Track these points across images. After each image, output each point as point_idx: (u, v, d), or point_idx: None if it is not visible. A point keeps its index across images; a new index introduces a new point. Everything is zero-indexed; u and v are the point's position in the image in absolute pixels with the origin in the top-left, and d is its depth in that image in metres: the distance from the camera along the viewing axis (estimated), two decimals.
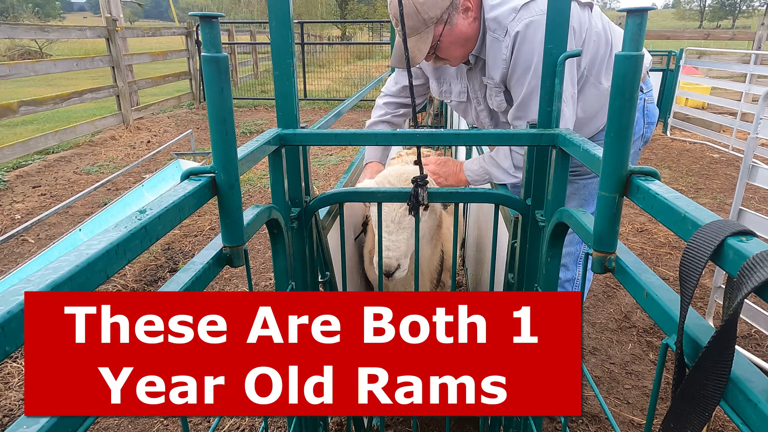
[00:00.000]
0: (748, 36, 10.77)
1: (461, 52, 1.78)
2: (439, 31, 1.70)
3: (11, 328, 0.41)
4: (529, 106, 1.67)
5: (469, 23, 1.72)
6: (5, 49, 20.83)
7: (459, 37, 1.73)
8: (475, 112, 2.03)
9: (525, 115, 1.70)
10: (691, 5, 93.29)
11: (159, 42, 26.97)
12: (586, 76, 1.77)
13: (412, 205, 1.23)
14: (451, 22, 1.70)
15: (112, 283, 3.45)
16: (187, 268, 0.75)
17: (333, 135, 1.18)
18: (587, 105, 1.81)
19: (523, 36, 1.62)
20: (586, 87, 1.78)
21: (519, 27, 1.62)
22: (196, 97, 10.75)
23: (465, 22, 1.72)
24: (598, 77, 1.78)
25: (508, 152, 1.76)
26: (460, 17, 1.71)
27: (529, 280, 1.29)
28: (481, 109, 1.98)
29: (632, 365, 2.67)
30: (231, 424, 2.28)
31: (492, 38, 1.71)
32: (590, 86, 1.78)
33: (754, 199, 5.36)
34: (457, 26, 1.71)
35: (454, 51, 1.77)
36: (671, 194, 0.68)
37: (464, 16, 1.71)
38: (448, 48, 1.75)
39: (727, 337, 0.50)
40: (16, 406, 2.39)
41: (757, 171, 2.51)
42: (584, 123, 1.84)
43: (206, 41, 0.76)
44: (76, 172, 6.20)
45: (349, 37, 30.78)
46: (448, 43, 1.74)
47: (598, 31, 1.75)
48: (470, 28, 1.73)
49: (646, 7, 0.70)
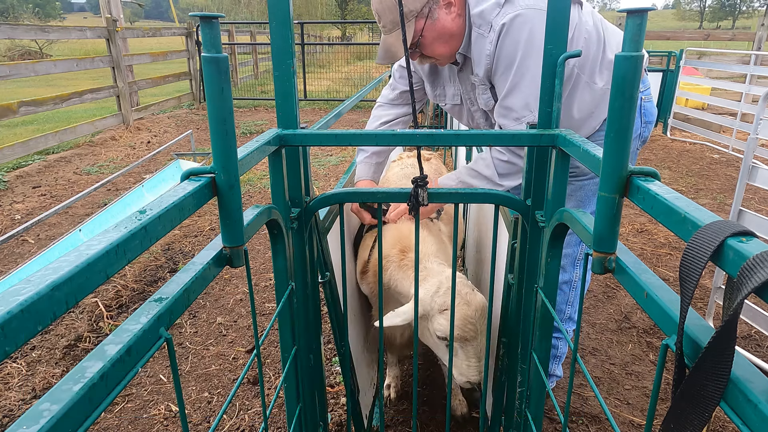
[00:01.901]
0: (748, 36, 10.77)
1: (446, 50, 1.77)
2: (420, 26, 1.70)
3: (11, 329, 0.41)
4: (513, 102, 1.65)
5: (452, 19, 1.71)
6: (5, 50, 20.82)
7: (442, 33, 1.72)
8: (469, 113, 2.01)
9: (508, 112, 1.68)
10: (691, 6, 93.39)
11: (159, 42, 27.00)
12: (578, 75, 1.73)
13: (412, 205, 1.23)
14: (432, 16, 1.69)
15: (112, 284, 3.45)
16: (187, 269, 0.75)
17: (333, 135, 1.18)
18: (582, 106, 1.77)
19: (507, 30, 1.61)
20: (580, 87, 1.75)
21: (503, 21, 1.61)
22: (196, 98, 10.75)
23: (448, 17, 1.71)
24: (592, 77, 1.75)
25: (490, 161, 1.73)
26: (442, 12, 1.70)
27: (529, 280, 1.29)
28: (475, 110, 1.96)
29: (632, 366, 2.66)
30: (231, 425, 2.28)
31: (477, 34, 1.70)
32: (584, 86, 1.75)
33: (754, 199, 5.36)
34: (439, 21, 1.70)
35: (437, 48, 1.76)
36: (671, 195, 0.68)
37: (447, 11, 1.71)
38: (432, 44, 1.74)
39: (727, 338, 0.50)
40: (16, 406, 2.39)
41: (757, 171, 2.51)
42: (580, 124, 1.80)
43: (206, 42, 0.76)
44: (76, 172, 6.20)
45: (349, 37, 30.79)
46: (431, 38, 1.73)
47: (588, 29, 1.72)
48: (453, 23, 1.72)
49: (646, 8, 0.70)
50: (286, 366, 1.22)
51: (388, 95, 2.19)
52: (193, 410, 2.40)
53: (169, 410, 2.38)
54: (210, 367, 2.68)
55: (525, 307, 1.32)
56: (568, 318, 2.10)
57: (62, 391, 0.47)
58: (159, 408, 2.39)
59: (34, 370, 2.63)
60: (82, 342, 2.87)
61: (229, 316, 3.15)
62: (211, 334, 2.97)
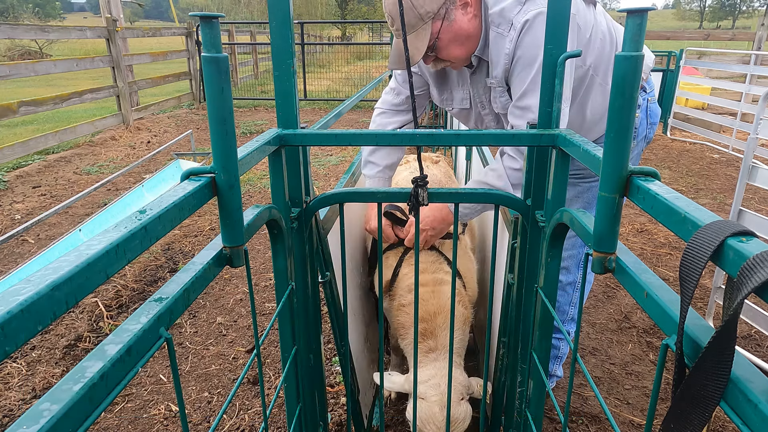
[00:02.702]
0: (748, 36, 10.77)
1: (462, 52, 1.70)
2: (437, 28, 1.63)
3: (11, 329, 0.41)
4: (531, 102, 1.58)
5: (468, 19, 1.65)
6: (5, 50, 20.83)
7: (458, 34, 1.65)
8: (478, 117, 1.94)
9: (524, 113, 1.61)
10: (691, 6, 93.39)
11: (159, 42, 27.00)
12: (592, 76, 1.69)
13: (412, 205, 1.23)
14: (449, 17, 1.63)
15: (112, 284, 3.45)
16: (187, 269, 0.75)
17: (333, 135, 1.18)
18: (595, 106, 1.74)
19: (528, 28, 1.55)
20: (593, 88, 1.71)
21: (525, 17, 1.55)
22: (196, 98, 10.75)
23: (464, 18, 1.64)
24: (606, 78, 1.71)
25: (502, 172, 1.65)
26: (458, 12, 1.63)
27: (530, 280, 1.29)
28: (486, 113, 1.89)
29: (632, 365, 2.66)
30: (231, 424, 2.28)
31: (495, 34, 1.63)
32: (597, 87, 1.71)
33: (754, 199, 5.36)
34: (455, 22, 1.63)
35: (453, 50, 1.69)
36: (671, 194, 0.68)
37: (463, 11, 1.64)
38: (448, 46, 1.68)
39: (727, 338, 0.50)
40: (16, 406, 2.39)
41: (757, 171, 2.51)
42: (591, 126, 1.77)
43: (206, 41, 0.76)
44: (76, 172, 6.20)
45: (349, 37, 30.79)
46: (447, 40, 1.66)
47: (603, 29, 1.69)
48: (470, 24, 1.65)
49: (647, 8, 0.70)
50: (286, 366, 1.22)
51: (392, 101, 2.06)
52: (193, 410, 2.40)
53: (169, 410, 2.38)
54: (210, 367, 2.68)
55: (525, 307, 1.32)
56: (570, 319, 2.09)
57: (62, 390, 0.47)
58: (159, 408, 2.39)
59: (34, 370, 2.63)
60: (82, 342, 2.87)
61: (229, 316, 3.15)
62: (211, 334, 2.97)
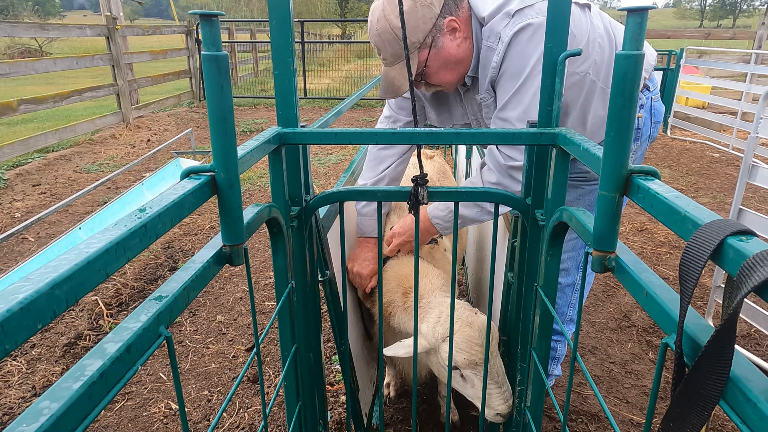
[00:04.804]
0: (749, 35, 10.76)
1: (452, 77, 1.67)
2: (424, 56, 1.59)
3: (11, 327, 0.41)
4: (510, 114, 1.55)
5: (458, 44, 1.61)
6: (5, 48, 20.82)
7: (447, 60, 1.62)
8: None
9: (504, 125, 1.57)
10: (692, 4, 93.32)
11: (159, 40, 26.99)
12: (593, 81, 1.66)
13: (412, 204, 1.23)
14: (437, 45, 1.59)
15: (112, 282, 3.45)
16: (187, 267, 0.75)
17: (333, 134, 1.18)
18: (597, 113, 1.70)
19: (516, 40, 1.53)
20: (595, 95, 1.68)
21: (513, 30, 1.53)
22: (196, 96, 10.74)
23: (453, 43, 1.60)
24: (607, 81, 1.68)
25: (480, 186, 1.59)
26: (446, 39, 1.59)
27: (529, 279, 1.29)
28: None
29: (632, 364, 2.67)
30: (231, 423, 2.28)
31: (486, 47, 1.60)
32: (599, 93, 1.68)
33: (754, 198, 5.36)
34: (444, 49, 1.60)
35: (444, 75, 1.65)
36: (671, 193, 0.68)
37: (451, 37, 1.60)
38: (438, 73, 1.64)
39: (727, 337, 0.50)
40: (16, 404, 2.39)
41: (757, 170, 2.51)
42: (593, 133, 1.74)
43: (206, 40, 0.76)
44: (76, 170, 6.20)
45: (349, 35, 30.76)
46: (436, 67, 1.63)
47: (601, 33, 1.66)
48: (459, 49, 1.62)
49: (647, 6, 0.70)
50: (285, 364, 1.22)
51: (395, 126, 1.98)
52: (193, 408, 2.40)
53: (169, 408, 2.38)
54: (210, 366, 2.69)
55: (524, 306, 1.32)
56: (569, 320, 2.10)
57: (62, 389, 0.47)
58: (159, 406, 2.40)
59: (34, 368, 2.64)
60: (81, 340, 2.87)
61: (228, 315, 3.15)
62: (211, 333, 2.97)
